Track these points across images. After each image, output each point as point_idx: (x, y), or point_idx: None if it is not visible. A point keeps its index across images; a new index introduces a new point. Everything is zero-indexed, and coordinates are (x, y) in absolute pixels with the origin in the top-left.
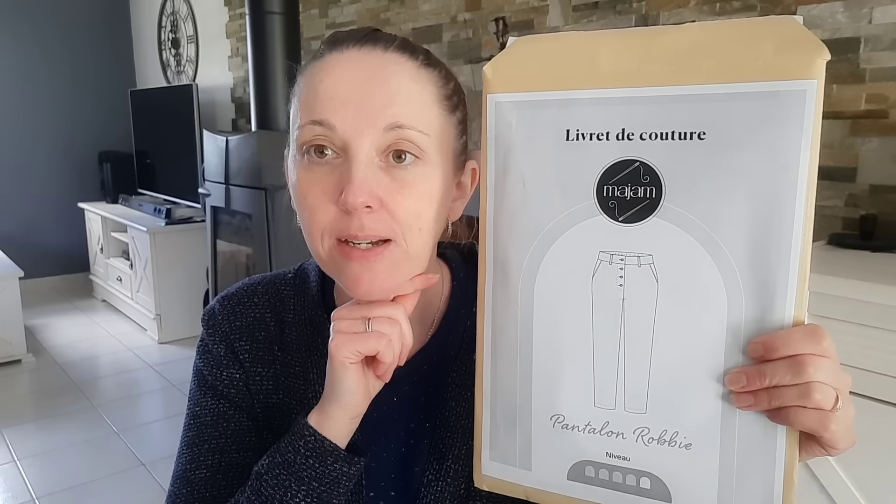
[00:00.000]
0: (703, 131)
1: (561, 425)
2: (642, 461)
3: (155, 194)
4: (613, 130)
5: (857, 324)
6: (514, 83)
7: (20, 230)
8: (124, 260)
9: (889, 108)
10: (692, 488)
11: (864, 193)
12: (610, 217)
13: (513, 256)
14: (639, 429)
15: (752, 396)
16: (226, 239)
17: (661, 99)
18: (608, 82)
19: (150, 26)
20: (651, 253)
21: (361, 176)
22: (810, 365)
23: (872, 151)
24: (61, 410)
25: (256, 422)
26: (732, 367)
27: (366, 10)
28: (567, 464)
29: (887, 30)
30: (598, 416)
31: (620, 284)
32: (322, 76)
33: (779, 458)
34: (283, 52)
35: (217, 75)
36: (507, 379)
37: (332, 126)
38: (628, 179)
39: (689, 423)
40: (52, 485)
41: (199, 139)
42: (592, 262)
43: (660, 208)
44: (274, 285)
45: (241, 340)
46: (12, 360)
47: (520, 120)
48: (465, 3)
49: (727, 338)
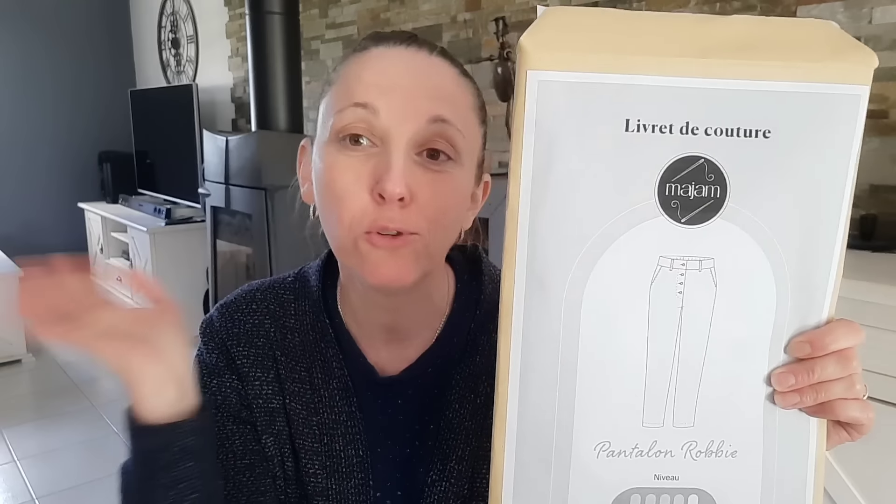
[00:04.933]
0: (769, 129)
1: (606, 453)
2: (691, 478)
3: (155, 194)
4: (677, 123)
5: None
6: (561, 60)
7: (20, 230)
8: (124, 260)
9: (889, 108)
10: (738, 495)
11: (864, 193)
12: (672, 218)
13: (555, 265)
14: (687, 443)
15: (799, 395)
16: (226, 239)
17: (727, 93)
18: (673, 70)
19: (150, 26)
20: (713, 257)
21: (402, 164)
22: (854, 358)
23: (872, 151)
24: (61, 410)
25: (250, 422)
26: (775, 367)
27: (366, 10)
28: (611, 497)
29: (887, 30)
30: (646, 437)
31: (680, 292)
32: (369, 65)
33: (811, 450)
34: (283, 52)
35: (217, 75)
36: (541, 411)
37: (376, 110)
38: (692, 177)
39: (734, 431)
40: (52, 485)
41: (199, 139)
42: (652, 269)
43: (724, 209)
44: (273, 290)
45: (240, 346)
46: (12, 360)
47: (571, 104)
48: (465, 3)
49: (772, 340)
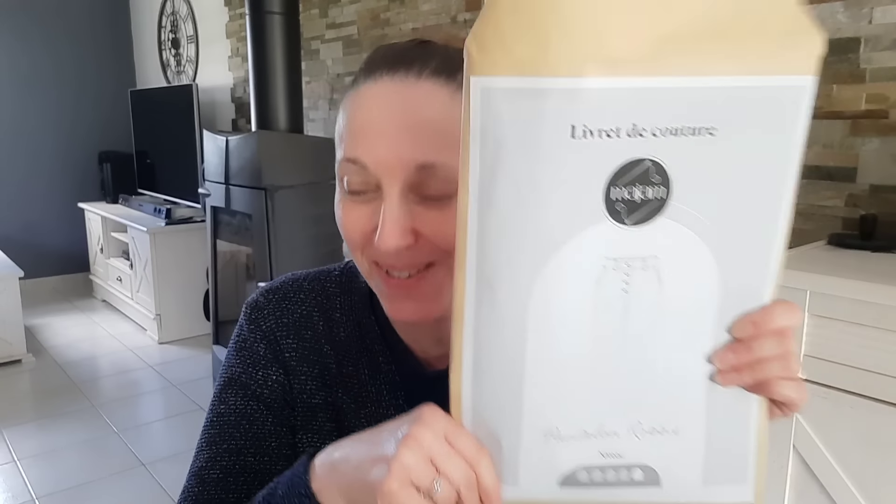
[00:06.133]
0: (714, 126)
1: (556, 438)
2: (635, 454)
3: (155, 194)
4: (624, 127)
5: (857, 324)
6: (506, 63)
7: (20, 230)
8: (124, 260)
9: (889, 108)
10: (680, 468)
11: (864, 193)
12: (617, 221)
13: (503, 270)
14: (631, 424)
15: (738, 373)
16: (226, 239)
17: (674, 91)
18: (621, 70)
19: (150, 26)
20: (657, 255)
21: (394, 217)
22: (790, 337)
23: (872, 151)
24: (61, 410)
25: (284, 426)
26: (719, 348)
27: (366, 10)
28: (559, 473)
29: (887, 30)
30: (593, 420)
31: (625, 290)
32: (355, 109)
33: (752, 424)
34: (283, 52)
35: (217, 75)
36: (491, 399)
37: (365, 165)
38: (638, 180)
39: (677, 409)
40: (52, 485)
41: (199, 139)
42: (597, 271)
43: (667, 208)
44: (319, 282)
45: (288, 338)
46: (12, 360)
47: (515, 111)
48: (465, 3)
49: (715, 325)
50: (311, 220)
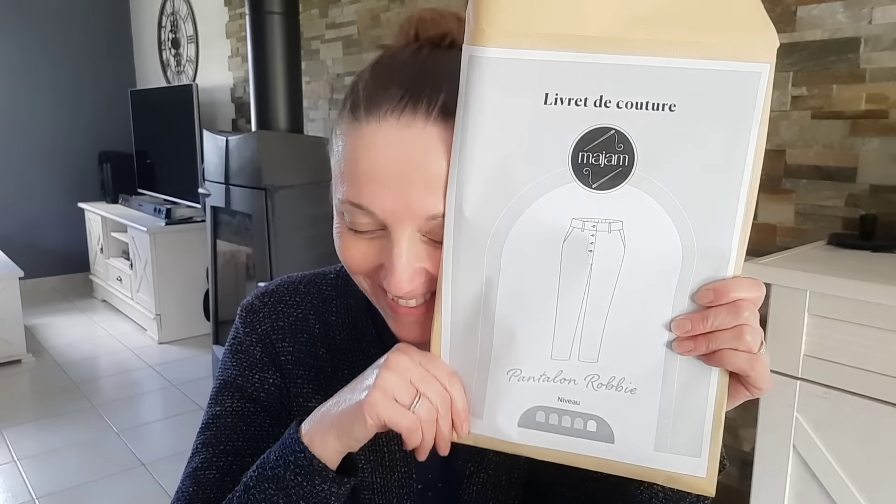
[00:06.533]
0: (674, 103)
1: (517, 378)
2: (591, 405)
3: (155, 194)
4: (591, 97)
5: (857, 324)
6: (493, 35)
7: (20, 230)
8: (124, 260)
9: (889, 108)
10: (633, 429)
11: (864, 193)
12: (584, 184)
13: (480, 223)
14: (589, 375)
15: (693, 342)
16: (226, 239)
17: (639, 69)
18: (593, 47)
19: (150, 26)
20: (621, 219)
21: (405, 263)
22: (745, 309)
23: (872, 151)
24: (61, 410)
25: (284, 427)
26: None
27: (366, 10)
28: (519, 411)
29: (887, 30)
30: (553, 367)
31: (590, 250)
32: (359, 153)
33: (710, 400)
34: (283, 52)
35: (217, 75)
36: (465, 337)
37: (373, 213)
38: (603, 147)
39: (635, 370)
40: (52, 485)
41: (199, 139)
42: (565, 229)
43: (632, 176)
44: (315, 285)
45: (284, 342)
46: (12, 360)
47: (496, 78)
48: (466, 2)
49: (676, 294)
50: (311, 220)
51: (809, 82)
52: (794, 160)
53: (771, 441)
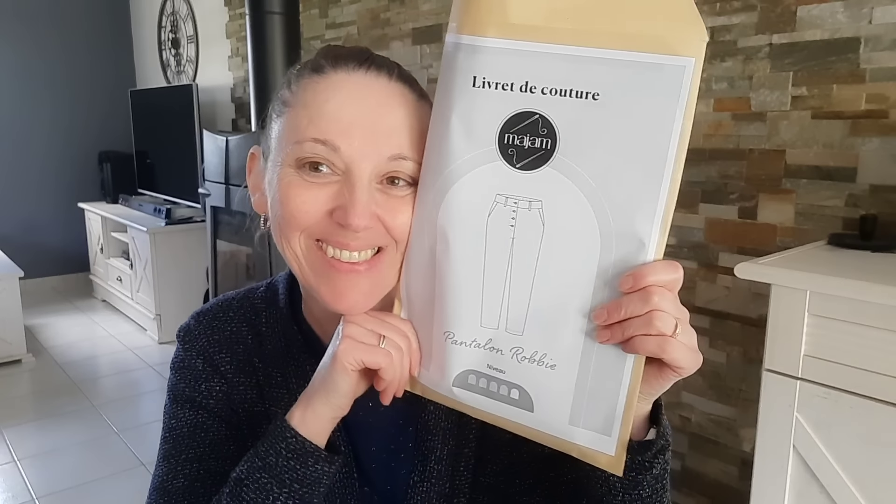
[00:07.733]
0: (598, 92)
1: (451, 341)
2: (514, 375)
3: (155, 194)
4: (517, 82)
5: (857, 324)
6: (454, 25)
7: (20, 230)
8: (124, 260)
9: (889, 108)
10: (551, 402)
11: (864, 193)
12: (508, 163)
13: (427, 190)
14: (515, 348)
15: (610, 331)
16: (226, 239)
17: (564, 58)
18: (516, 34)
19: (150, 26)
20: (541, 199)
21: (365, 199)
22: (655, 294)
23: (872, 151)
24: (61, 410)
25: (237, 431)
26: (598, 304)
27: (366, 10)
28: (454, 371)
29: (887, 30)
30: (483, 335)
31: (512, 225)
32: (328, 94)
33: (624, 383)
34: (283, 52)
35: (217, 75)
36: (415, 297)
37: (337, 147)
38: (527, 130)
39: (556, 348)
40: (52, 485)
41: (199, 139)
42: (489, 203)
43: (553, 159)
44: (248, 299)
45: (221, 353)
46: (12, 360)
47: (445, 62)
48: None
49: (596, 279)
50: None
51: (809, 82)
52: (794, 160)
53: (771, 441)
